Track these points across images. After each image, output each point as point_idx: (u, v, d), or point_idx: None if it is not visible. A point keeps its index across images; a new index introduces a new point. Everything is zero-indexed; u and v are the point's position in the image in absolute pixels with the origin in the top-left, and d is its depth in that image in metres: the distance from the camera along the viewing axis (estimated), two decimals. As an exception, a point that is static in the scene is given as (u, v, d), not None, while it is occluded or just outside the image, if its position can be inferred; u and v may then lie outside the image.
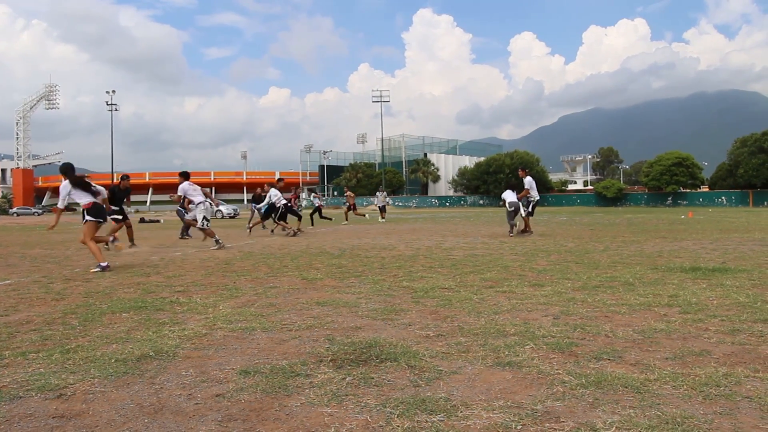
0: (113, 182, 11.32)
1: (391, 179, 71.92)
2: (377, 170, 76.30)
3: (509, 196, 13.36)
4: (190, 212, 12.00)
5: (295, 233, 14.39)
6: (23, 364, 3.08)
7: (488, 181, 63.39)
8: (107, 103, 65.37)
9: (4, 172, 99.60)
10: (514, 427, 2.16)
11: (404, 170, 78.24)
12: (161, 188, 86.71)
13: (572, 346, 3.25)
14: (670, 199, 52.34)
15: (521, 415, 2.27)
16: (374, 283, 5.90)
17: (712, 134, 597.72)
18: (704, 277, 5.89)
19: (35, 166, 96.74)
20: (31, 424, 2.28)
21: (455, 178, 70.50)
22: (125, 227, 11.26)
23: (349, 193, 23.54)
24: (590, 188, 75.17)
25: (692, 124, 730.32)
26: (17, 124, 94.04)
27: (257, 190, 19.15)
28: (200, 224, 11.08)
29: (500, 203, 14.18)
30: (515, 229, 13.22)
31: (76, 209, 14.25)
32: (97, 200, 7.68)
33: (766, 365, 2.84)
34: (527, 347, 3.24)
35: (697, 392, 2.47)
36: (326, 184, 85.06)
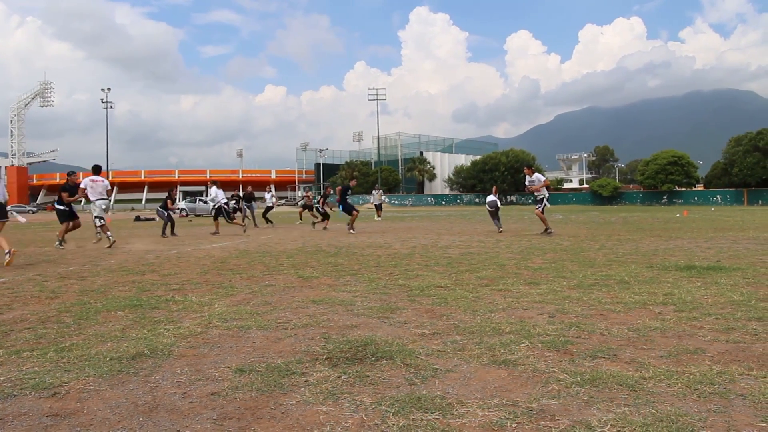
0: (67, 181, 11.46)
1: (387, 177, 71.92)
2: (373, 168, 76.29)
3: (489, 197, 14.89)
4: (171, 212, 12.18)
5: (324, 224, 16.83)
6: (17, 362, 3.07)
7: (484, 179, 63.44)
8: (102, 100, 65.04)
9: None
10: (509, 425, 2.16)
11: (400, 168, 78.26)
12: (157, 186, 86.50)
13: (567, 344, 3.26)
14: (665, 197, 52.51)
15: (516, 413, 2.27)
16: (370, 281, 5.90)
17: (707, 133, 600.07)
18: (699, 275, 5.91)
19: (30, 163, 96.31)
20: (25, 422, 2.27)
21: (451, 176, 70.55)
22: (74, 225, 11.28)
23: (308, 193, 23.20)
24: (586, 187, 75.34)
25: (688, 122, 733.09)
26: (12, 121, 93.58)
27: (248, 188, 21.03)
28: (94, 221, 11.28)
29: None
30: (498, 228, 14.09)
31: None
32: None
33: (759, 363, 2.85)
34: (523, 345, 3.25)
35: (691, 390, 2.48)
36: (322, 182, 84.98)
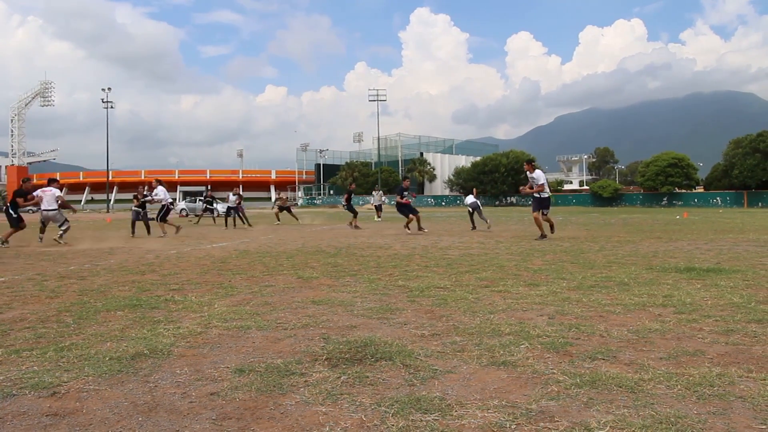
0: (21, 187, 12.19)
1: (387, 178, 71.90)
2: (373, 169, 76.29)
3: (468, 198, 16.49)
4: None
5: (354, 222, 17.61)
6: (17, 362, 3.07)
7: (484, 180, 63.42)
8: (103, 100, 64.95)
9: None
10: (508, 426, 2.16)
11: (400, 169, 78.26)
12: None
13: (567, 345, 3.26)
14: (665, 199, 52.48)
15: (516, 414, 2.27)
16: (370, 282, 5.90)
17: (707, 135, 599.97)
18: (699, 277, 5.91)
19: (30, 163, 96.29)
20: (24, 422, 2.27)
21: (451, 177, 70.53)
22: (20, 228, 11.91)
23: (282, 195, 23.47)
24: (586, 188, 75.33)
25: (688, 124, 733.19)
26: (12, 121, 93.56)
27: (234, 189, 22.00)
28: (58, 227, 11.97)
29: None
30: (486, 225, 15.74)
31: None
32: None
33: (759, 365, 2.85)
34: (522, 347, 3.24)
35: (690, 392, 2.48)
36: (323, 182, 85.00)
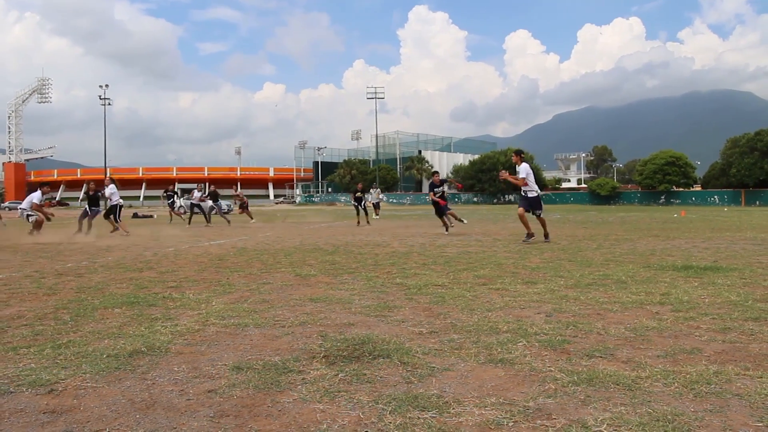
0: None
1: (385, 176, 71.95)
2: (371, 167, 76.29)
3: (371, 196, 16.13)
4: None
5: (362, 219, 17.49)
6: (14, 359, 3.07)
7: (483, 179, 63.50)
8: (100, 97, 64.78)
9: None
10: (505, 423, 2.17)
11: (398, 167, 78.28)
12: (154, 183, 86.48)
13: (564, 343, 3.27)
14: (663, 197, 52.60)
15: (513, 411, 2.27)
16: (367, 279, 5.90)
17: (705, 134, 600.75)
18: (696, 275, 5.92)
19: (27, 160, 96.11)
20: (21, 419, 2.26)
21: (449, 175, 70.64)
22: None
23: (239, 192, 22.52)
24: (584, 186, 75.40)
25: (686, 123, 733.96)
26: (9, 117, 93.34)
27: (211, 187, 21.46)
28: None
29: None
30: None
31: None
32: None
33: (756, 363, 2.85)
34: (520, 344, 3.25)
35: (687, 390, 2.48)
36: (320, 180, 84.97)
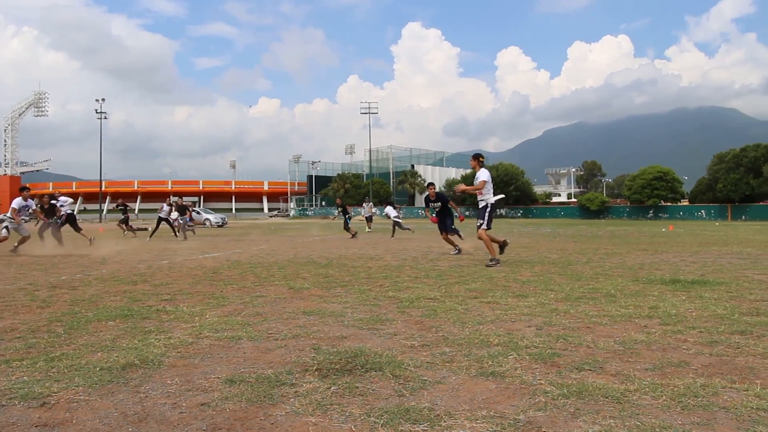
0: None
1: (378, 190, 71.98)
2: (365, 181, 76.40)
3: (390, 211, 17.18)
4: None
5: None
6: (7, 372, 3.06)
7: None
8: (97, 111, 64.55)
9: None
10: (496, 435, 2.19)
11: (391, 181, 78.42)
12: (150, 196, 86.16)
13: (554, 356, 3.30)
14: (651, 212, 52.99)
15: (504, 425, 2.30)
16: (360, 292, 5.92)
17: (692, 149, 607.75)
18: (684, 289, 5.99)
19: (23, 173, 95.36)
20: (14, 432, 2.26)
21: (442, 189, 70.91)
22: None
23: (175, 199, 21.03)
24: (574, 201, 75.83)
25: (673, 139, 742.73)
26: (5, 131, 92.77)
27: (167, 199, 20.98)
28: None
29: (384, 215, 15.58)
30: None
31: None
32: None
33: (742, 376, 2.90)
34: (510, 357, 3.28)
35: (675, 402, 2.52)
36: (314, 194, 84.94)
